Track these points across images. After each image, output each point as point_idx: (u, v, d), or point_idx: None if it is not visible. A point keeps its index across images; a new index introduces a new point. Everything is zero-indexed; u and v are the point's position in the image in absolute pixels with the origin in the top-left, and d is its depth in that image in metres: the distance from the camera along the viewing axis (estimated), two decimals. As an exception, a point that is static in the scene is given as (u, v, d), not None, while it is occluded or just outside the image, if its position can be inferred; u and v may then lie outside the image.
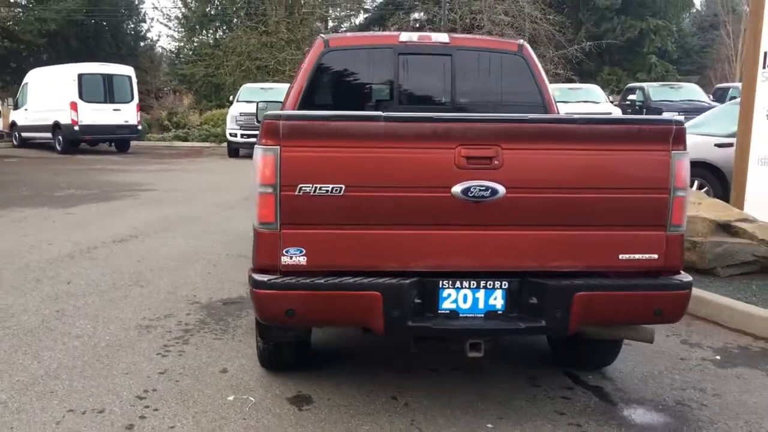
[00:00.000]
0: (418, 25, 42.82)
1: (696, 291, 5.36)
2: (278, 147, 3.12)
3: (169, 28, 40.46)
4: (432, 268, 3.26)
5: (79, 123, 20.13)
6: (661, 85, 21.53)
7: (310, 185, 3.13)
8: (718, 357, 4.61)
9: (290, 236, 3.18)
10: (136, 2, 44.07)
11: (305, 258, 3.19)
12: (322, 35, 5.12)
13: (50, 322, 5.09)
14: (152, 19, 63.07)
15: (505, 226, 3.23)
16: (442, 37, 5.01)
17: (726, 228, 6.10)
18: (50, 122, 20.80)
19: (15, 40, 38.44)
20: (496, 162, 3.16)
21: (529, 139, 3.21)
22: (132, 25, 43.87)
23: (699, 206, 6.41)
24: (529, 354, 4.66)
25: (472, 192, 3.14)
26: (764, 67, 6.83)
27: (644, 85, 22.32)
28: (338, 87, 5.06)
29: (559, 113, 5.05)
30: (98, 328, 4.97)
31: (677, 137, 3.24)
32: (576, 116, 3.32)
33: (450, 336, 3.38)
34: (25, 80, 22.96)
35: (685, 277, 3.34)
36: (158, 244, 7.81)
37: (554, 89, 21.51)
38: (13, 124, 23.30)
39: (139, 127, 22.05)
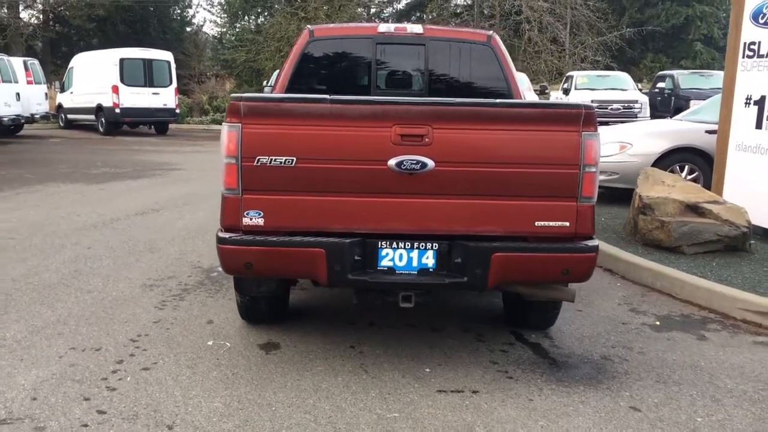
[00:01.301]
0: (458, 11, 43.09)
1: (654, 265, 5.86)
2: (240, 124, 3.67)
3: (213, 14, 41.54)
4: (372, 230, 3.79)
5: (120, 106, 21.06)
6: (691, 73, 21.48)
7: (267, 157, 3.68)
8: (657, 323, 5.04)
9: (250, 201, 3.74)
10: (183, -12, 45.20)
11: (263, 219, 3.75)
12: (308, 26, 5.64)
13: (68, 279, 5.77)
14: (198, 4, 64.21)
15: (435, 195, 3.74)
16: (416, 28, 5.47)
17: (694, 209, 6.47)
18: (93, 105, 21.80)
19: (66, 24, 39.95)
20: (426, 139, 3.66)
21: (457, 120, 3.71)
22: (178, 11, 45.06)
23: (672, 188, 6.80)
24: (484, 316, 5.17)
25: (404, 165, 3.66)
26: (744, 57, 7.14)
27: (674, 72, 22.27)
28: (322, 73, 5.58)
29: (523, 98, 5.48)
30: (108, 285, 5.63)
31: (587, 120, 3.69)
32: (497, 101, 3.78)
33: (384, 288, 3.93)
34: (71, 64, 24.03)
35: (592, 242, 3.81)
36: (176, 217, 8.50)
37: (583, 76, 21.68)
38: (60, 106, 24.40)
39: (177, 111, 22.92)
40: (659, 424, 3.50)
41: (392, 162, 3.66)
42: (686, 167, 8.69)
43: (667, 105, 19.93)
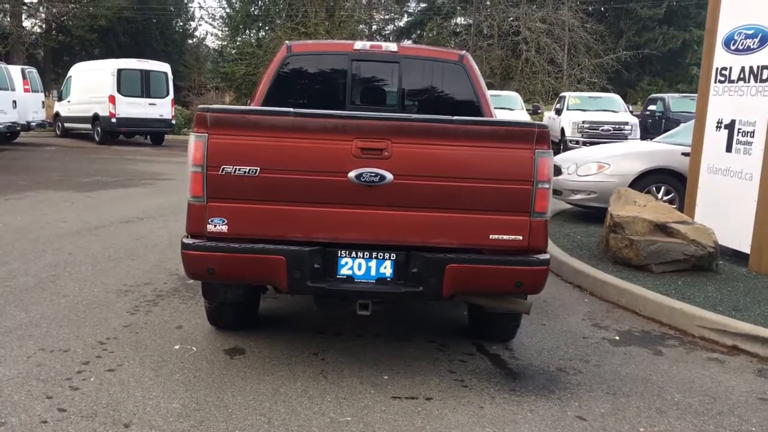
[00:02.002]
0: (458, 30, 43.45)
1: (620, 282, 5.99)
2: (206, 134, 3.81)
3: (214, 27, 41.87)
4: (331, 240, 3.92)
5: (117, 115, 21.26)
6: (683, 97, 21.68)
7: (232, 167, 3.82)
8: (617, 337, 5.16)
9: (215, 208, 3.87)
10: (185, 1, 45.64)
11: (227, 227, 3.88)
12: (287, 42, 5.80)
13: (45, 283, 5.89)
14: (200, 17, 64.77)
15: (393, 207, 3.87)
16: (391, 47, 5.63)
17: (663, 228, 6.60)
18: (90, 114, 22.01)
19: (68, 34, 40.28)
20: (386, 153, 3.80)
21: (415, 136, 3.85)
22: (180, 23, 45.47)
23: (643, 208, 6.94)
24: (449, 328, 5.29)
25: (364, 177, 3.80)
26: (716, 82, 7.30)
27: (665, 96, 22.51)
28: (298, 87, 5.73)
29: (494, 116, 5.63)
30: (84, 290, 5.75)
31: (540, 138, 3.83)
32: (454, 118, 3.92)
33: (342, 296, 4.05)
34: (69, 73, 24.26)
35: (544, 255, 3.94)
36: (160, 225, 8.64)
37: (575, 97, 21.94)
38: (57, 115, 24.59)
39: (173, 122, 23.12)
40: (602, 433, 3.62)
41: (352, 174, 3.79)
42: (662, 188, 8.84)
43: (658, 127, 20.10)
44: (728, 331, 5.02)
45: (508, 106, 21.22)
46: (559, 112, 21.65)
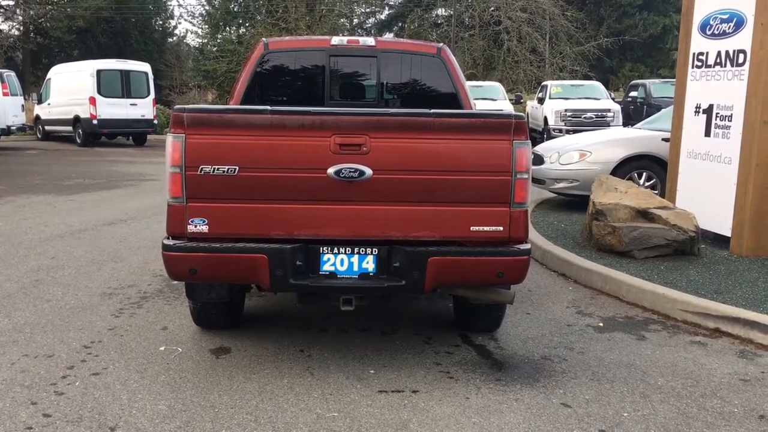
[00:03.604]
0: (439, 22, 43.43)
1: (603, 269, 6.03)
2: (184, 134, 3.80)
3: (194, 25, 41.64)
4: (313, 236, 3.92)
5: (98, 117, 21.11)
6: (663, 82, 21.74)
7: (210, 166, 3.81)
8: (601, 324, 5.20)
9: (194, 209, 3.86)
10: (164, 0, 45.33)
11: (207, 227, 3.87)
12: (264, 39, 5.78)
13: (27, 289, 5.85)
14: (179, 15, 64.36)
15: (373, 202, 3.87)
16: (369, 41, 5.63)
17: (644, 214, 6.65)
18: (71, 116, 21.84)
19: (46, 36, 39.90)
20: (364, 149, 3.81)
21: (393, 130, 3.85)
22: (160, 22, 45.14)
23: (625, 194, 6.99)
24: (435, 320, 5.31)
25: (343, 173, 3.80)
26: (693, 67, 7.35)
27: (646, 82, 22.59)
28: (276, 84, 5.72)
29: (473, 108, 5.64)
30: (68, 294, 5.72)
31: (517, 129, 3.85)
32: (431, 111, 3.93)
33: (325, 292, 4.06)
34: (48, 76, 24.04)
35: (525, 245, 3.96)
36: (143, 227, 8.61)
37: (557, 85, 22.00)
38: (37, 118, 24.39)
39: (155, 121, 22.98)
40: (587, 419, 3.65)
41: (331, 170, 3.79)
42: (644, 174, 8.90)
43: (640, 114, 20.19)
44: (710, 314, 5.07)
45: (490, 97, 21.26)
46: (541, 101, 21.70)
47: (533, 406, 3.79)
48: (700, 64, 7.21)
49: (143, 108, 22.12)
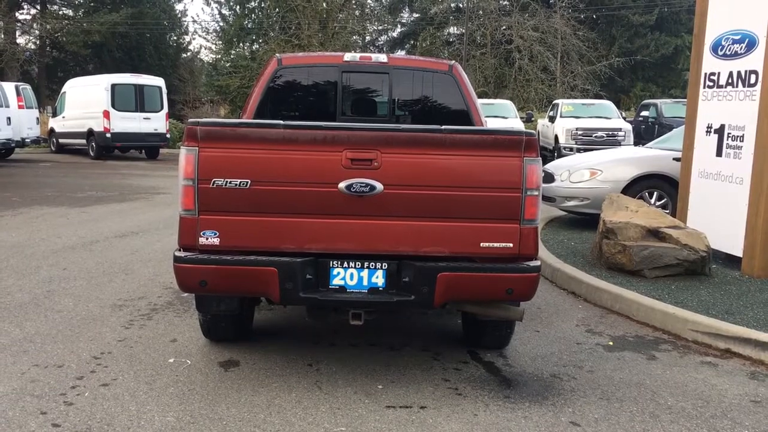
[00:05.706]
0: (451, 40, 43.61)
1: (613, 288, 6.01)
2: (197, 148, 3.83)
3: (208, 41, 41.97)
4: (323, 250, 3.93)
5: (111, 130, 21.28)
6: (675, 102, 21.75)
7: (222, 179, 3.84)
8: (611, 343, 5.17)
9: (206, 221, 3.89)
10: (179, 15, 45.81)
11: (219, 239, 3.90)
12: (277, 54, 5.84)
13: (39, 299, 5.89)
14: (194, 31, 64.98)
15: (383, 217, 3.89)
16: (381, 58, 5.68)
17: (655, 234, 6.63)
18: (85, 129, 22.03)
19: (62, 50, 40.40)
20: (375, 164, 3.83)
21: (404, 146, 3.87)
22: (174, 38, 45.59)
23: (636, 213, 6.97)
24: (444, 336, 5.30)
25: (354, 188, 3.82)
26: (704, 87, 7.36)
27: (658, 101, 22.59)
28: (289, 99, 5.77)
29: (484, 125, 5.67)
30: (79, 305, 5.75)
31: (528, 146, 3.86)
32: (443, 127, 3.95)
33: (334, 306, 4.07)
34: (63, 89, 24.29)
35: (535, 262, 3.96)
36: (154, 239, 8.65)
37: (568, 104, 22.04)
38: (52, 131, 24.62)
39: (168, 136, 23.14)
40: (595, 438, 3.63)
41: (342, 185, 3.81)
42: (655, 193, 8.88)
43: (651, 133, 20.19)
44: (721, 334, 5.03)
45: (501, 115, 21.32)
46: (552, 119, 21.72)
47: (542, 424, 3.77)
48: (711, 84, 7.22)
49: (156, 122, 22.30)
